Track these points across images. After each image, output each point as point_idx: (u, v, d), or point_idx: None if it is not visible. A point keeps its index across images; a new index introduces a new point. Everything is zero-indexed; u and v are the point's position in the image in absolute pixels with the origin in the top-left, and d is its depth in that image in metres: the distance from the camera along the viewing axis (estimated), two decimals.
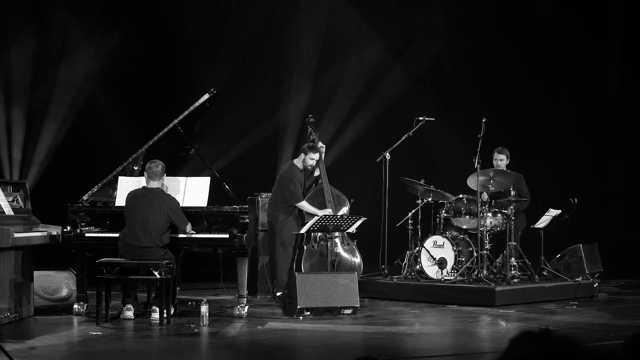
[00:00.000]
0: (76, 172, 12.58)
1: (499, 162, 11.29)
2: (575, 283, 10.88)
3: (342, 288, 9.21)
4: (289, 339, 7.90)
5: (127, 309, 8.88)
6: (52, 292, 9.55)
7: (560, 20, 14.04)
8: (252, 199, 10.97)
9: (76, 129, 12.63)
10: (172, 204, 8.83)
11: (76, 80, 12.70)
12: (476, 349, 7.59)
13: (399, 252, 11.27)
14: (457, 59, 14.38)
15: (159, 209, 8.70)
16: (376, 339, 7.94)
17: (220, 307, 9.75)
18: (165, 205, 8.74)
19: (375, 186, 11.59)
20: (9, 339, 7.47)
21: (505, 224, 10.84)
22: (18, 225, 8.60)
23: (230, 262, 9.38)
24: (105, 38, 12.90)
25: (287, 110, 13.89)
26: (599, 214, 13.77)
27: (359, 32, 14.33)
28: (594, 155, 14.07)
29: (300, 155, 10.59)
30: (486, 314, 9.51)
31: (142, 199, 8.76)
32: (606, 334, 8.08)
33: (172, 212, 8.76)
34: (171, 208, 8.77)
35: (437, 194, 11.03)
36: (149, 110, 12.61)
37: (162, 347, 7.66)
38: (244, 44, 13.82)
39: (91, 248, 9.15)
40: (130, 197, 8.85)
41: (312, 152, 10.50)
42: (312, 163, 10.53)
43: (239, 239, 8.92)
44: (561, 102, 14.24)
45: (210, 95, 9.58)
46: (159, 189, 8.85)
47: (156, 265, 8.53)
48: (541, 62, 14.24)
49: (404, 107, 13.81)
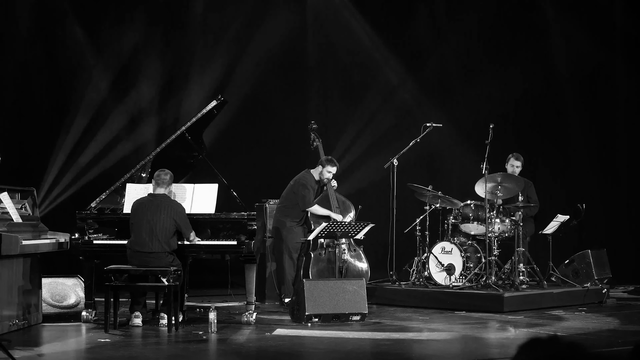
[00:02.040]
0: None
1: (515, 168, 11.27)
2: (583, 289, 10.85)
3: (350, 294, 9.20)
4: (297, 345, 7.89)
5: (135, 316, 8.88)
6: (60, 299, 9.55)
7: (568, 25, 14.01)
8: (260, 206, 10.98)
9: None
10: (179, 209, 8.83)
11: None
12: (484, 355, 7.57)
13: (407, 258, 11.27)
14: (465, 65, 14.35)
15: (166, 214, 8.70)
16: (384, 346, 7.93)
17: (229, 314, 9.75)
18: (172, 211, 8.74)
19: (383, 192, 11.58)
20: (17, 346, 7.47)
21: (513, 229, 10.83)
22: (26, 233, 8.62)
23: (238, 269, 9.38)
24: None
25: (294, 117, 13.89)
26: (607, 220, 13.74)
27: (368, 40, 14.32)
28: (602, 160, 14.03)
29: (318, 167, 10.62)
30: (494, 320, 9.49)
31: (148, 205, 8.77)
32: (615, 339, 8.06)
33: (178, 217, 8.76)
34: (177, 213, 8.77)
35: (445, 200, 11.02)
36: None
37: (171, 354, 7.65)
38: (261, 55, 13.85)
39: (99, 255, 9.15)
40: (136, 205, 8.85)
41: (330, 165, 10.55)
42: (329, 177, 10.59)
43: (246, 245, 8.92)
44: (569, 108, 14.20)
45: (217, 102, 9.60)
46: (165, 195, 8.85)
47: (164, 272, 8.52)
48: (549, 68, 14.22)
49: (412, 113, 13.81)
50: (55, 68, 12.88)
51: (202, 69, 13.60)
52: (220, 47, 13.72)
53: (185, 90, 13.41)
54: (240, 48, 13.78)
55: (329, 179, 10.59)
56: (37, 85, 12.74)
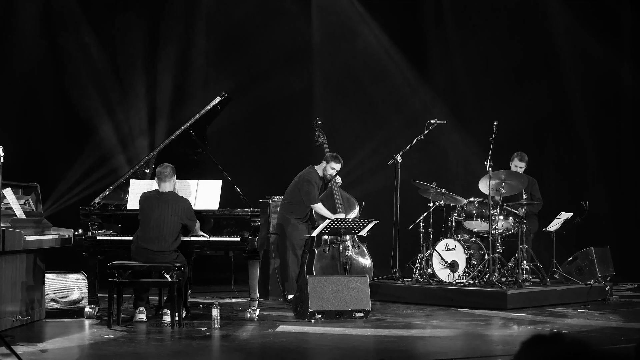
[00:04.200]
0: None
1: (519, 169, 11.24)
2: (587, 286, 10.85)
3: (354, 291, 9.20)
4: (300, 342, 7.90)
5: (139, 312, 8.89)
6: (63, 295, 9.56)
7: (574, 24, 13.99)
8: (264, 202, 10.97)
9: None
10: (186, 205, 8.82)
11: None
12: (488, 352, 7.57)
13: (410, 255, 11.28)
14: (469, 62, 14.33)
15: (174, 212, 8.69)
16: (388, 342, 7.93)
17: (232, 310, 9.75)
18: (179, 209, 8.72)
19: (387, 189, 11.58)
20: (21, 341, 7.48)
21: (517, 227, 10.83)
22: (30, 228, 8.62)
23: (241, 265, 9.38)
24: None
25: (298, 113, 13.89)
26: (611, 218, 13.72)
27: (372, 35, 14.31)
28: (606, 158, 14.02)
29: (322, 163, 10.60)
30: (498, 317, 9.49)
31: (155, 201, 8.75)
32: (618, 337, 8.06)
33: (185, 214, 8.75)
34: (184, 210, 8.76)
35: (448, 197, 11.02)
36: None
37: (174, 350, 7.66)
38: (264, 50, 13.84)
39: (103, 251, 9.15)
40: (144, 199, 8.84)
41: (334, 162, 10.52)
42: (332, 173, 10.56)
43: (250, 242, 8.92)
44: (573, 106, 14.18)
45: (222, 98, 9.59)
46: (172, 192, 8.84)
47: (168, 269, 8.52)
48: (554, 66, 14.20)
49: (416, 110, 13.81)
50: (62, 67, 12.87)
51: (208, 66, 13.62)
52: (226, 44, 13.73)
53: (190, 87, 13.41)
54: (247, 44, 13.78)
55: (332, 175, 10.58)
56: (43, 83, 12.73)
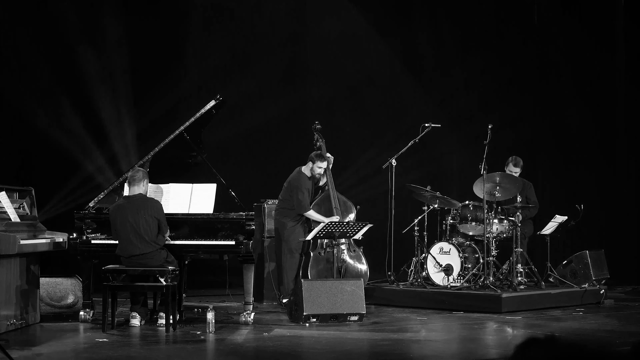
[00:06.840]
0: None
1: (514, 174, 11.23)
2: (581, 289, 10.85)
3: (349, 295, 9.20)
4: (295, 345, 7.89)
5: (132, 316, 8.88)
6: (58, 299, 9.55)
7: (568, 28, 14.02)
8: (258, 206, 10.97)
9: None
10: (157, 206, 8.77)
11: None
12: (482, 356, 7.57)
13: (405, 258, 11.27)
14: (463, 65, 14.36)
15: (147, 214, 8.64)
16: (382, 346, 7.92)
17: (227, 314, 9.74)
18: (151, 210, 8.67)
19: (382, 193, 11.58)
20: (15, 345, 7.47)
21: (511, 230, 10.83)
22: (24, 232, 8.61)
23: (236, 269, 9.37)
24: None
25: (293, 116, 13.89)
26: (605, 221, 13.74)
27: (367, 38, 14.33)
28: (600, 161, 14.04)
29: (309, 163, 10.59)
30: (492, 321, 9.49)
31: (127, 208, 8.68)
32: (612, 340, 8.06)
33: (158, 214, 8.72)
34: (157, 210, 8.72)
35: (443, 201, 11.02)
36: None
37: (168, 354, 7.65)
38: (257, 55, 13.84)
39: (97, 255, 9.14)
40: (114, 210, 8.76)
41: (320, 160, 10.51)
42: (320, 171, 10.55)
43: (245, 245, 8.91)
44: (568, 109, 14.21)
45: (216, 102, 9.58)
46: (141, 194, 8.79)
47: (162, 272, 8.52)
48: (548, 70, 14.23)
49: (410, 113, 13.81)
50: (58, 67, 12.86)
51: (200, 68, 13.61)
52: (220, 45, 13.73)
53: (184, 89, 13.40)
54: (240, 46, 13.79)
55: (320, 174, 10.58)
56: (38, 83, 12.71)
